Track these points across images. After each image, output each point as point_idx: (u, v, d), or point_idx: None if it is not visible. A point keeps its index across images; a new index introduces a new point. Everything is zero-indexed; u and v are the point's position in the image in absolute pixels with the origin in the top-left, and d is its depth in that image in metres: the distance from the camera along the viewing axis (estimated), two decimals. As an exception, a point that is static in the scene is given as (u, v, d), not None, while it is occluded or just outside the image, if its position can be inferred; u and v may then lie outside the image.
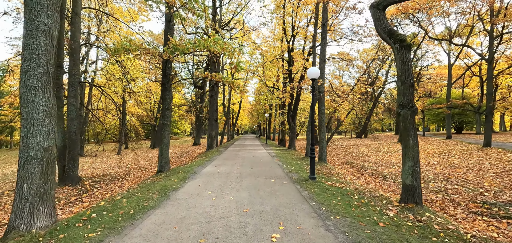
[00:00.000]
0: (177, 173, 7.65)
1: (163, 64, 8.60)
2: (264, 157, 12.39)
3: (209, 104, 18.14)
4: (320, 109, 10.78)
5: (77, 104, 8.67)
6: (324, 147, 10.64)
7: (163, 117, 8.64)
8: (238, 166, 9.10)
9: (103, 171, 12.28)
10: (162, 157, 8.59)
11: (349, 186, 6.23)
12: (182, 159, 17.63)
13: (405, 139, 4.83)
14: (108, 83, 26.06)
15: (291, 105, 18.05)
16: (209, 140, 17.73)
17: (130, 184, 9.39)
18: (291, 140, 18.06)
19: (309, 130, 13.17)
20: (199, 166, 9.11)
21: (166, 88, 8.62)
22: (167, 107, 8.60)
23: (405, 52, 4.98)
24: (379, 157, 15.08)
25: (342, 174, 9.23)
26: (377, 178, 9.56)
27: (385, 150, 18.23)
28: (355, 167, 12.18)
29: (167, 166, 8.72)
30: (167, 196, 4.93)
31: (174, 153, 22.01)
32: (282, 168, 8.76)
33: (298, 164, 9.94)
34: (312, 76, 6.68)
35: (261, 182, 6.31)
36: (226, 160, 11.13)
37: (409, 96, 4.87)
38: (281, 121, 21.03)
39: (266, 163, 10.04)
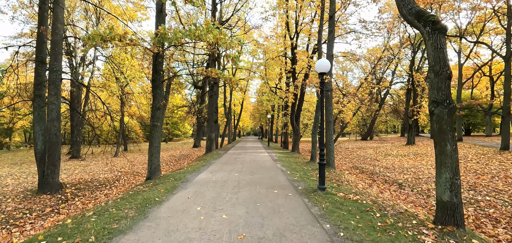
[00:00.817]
0: (166, 181, 6.75)
1: (153, 59, 7.73)
2: (266, 161, 11.45)
3: (209, 105, 17.27)
4: (327, 109, 9.83)
5: (58, 104, 7.83)
6: (332, 151, 9.68)
7: (153, 118, 7.76)
8: (237, 172, 8.17)
9: (92, 176, 11.43)
10: (151, 163, 7.70)
11: (365, 198, 5.28)
12: (179, 162, 16.77)
13: (441, 144, 3.88)
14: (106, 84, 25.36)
15: (294, 106, 17.11)
16: (208, 142, 16.85)
17: (118, 191, 8.52)
18: (294, 142, 17.10)
19: (315, 132, 12.22)
20: (194, 172, 8.20)
21: (156, 86, 7.75)
22: (157, 106, 7.72)
23: (439, 37, 4.03)
24: (389, 161, 14.07)
25: (353, 182, 8.26)
26: (391, 186, 8.57)
27: (395, 153, 17.19)
28: (365, 172, 11.19)
29: (157, 172, 7.83)
30: (146, 213, 4.02)
31: (172, 156, 21.17)
32: (286, 174, 7.82)
33: (304, 170, 8.99)
34: (321, 69, 5.76)
35: (262, 193, 5.38)
36: (225, 164, 10.21)
37: (445, 91, 3.91)
38: (284, 123, 20.08)
39: (268, 168, 9.11)
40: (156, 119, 7.74)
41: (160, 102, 7.64)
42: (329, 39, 9.98)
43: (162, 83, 7.88)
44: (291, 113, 17.18)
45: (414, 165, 12.02)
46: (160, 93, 7.78)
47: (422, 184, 8.31)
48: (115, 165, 16.30)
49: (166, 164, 16.21)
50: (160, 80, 7.78)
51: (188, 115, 25.62)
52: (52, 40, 7.82)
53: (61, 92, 9.58)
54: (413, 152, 17.01)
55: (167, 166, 15.17)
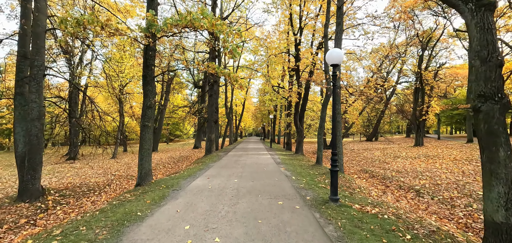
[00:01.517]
0: (156, 189, 5.99)
1: (143, 52, 6.99)
2: (269, 164, 10.67)
3: (208, 104, 16.53)
4: (335, 108, 9.01)
5: (40, 102, 7.12)
6: (341, 154, 8.87)
7: (144, 117, 7.01)
8: (236, 177, 7.39)
9: (84, 179, 10.73)
10: (142, 167, 6.95)
11: (384, 210, 4.48)
12: (178, 164, 16.04)
13: (490, 149, 3.06)
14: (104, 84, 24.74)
15: (298, 105, 16.31)
16: (208, 143, 16.10)
17: (107, 197, 7.79)
18: (298, 143, 16.29)
19: (321, 132, 11.40)
20: (189, 178, 7.44)
21: (148, 82, 7.00)
22: (148, 105, 6.98)
23: (485, 15, 3.23)
24: (400, 163, 13.21)
25: (365, 188, 7.45)
26: (408, 193, 7.74)
27: (404, 155, 16.32)
28: (375, 176, 10.35)
29: (148, 178, 7.07)
30: (120, 235, 3.25)
31: (171, 157, 20.46)
32: (291, 180, 7.03)
33: (310, 175, 8.19)
34: (333, 60, 4.97)
35: (264, 205, 4.60)
36: (224, 168, 9.44)
37: (496, 82, 3.11)
38: (287, 123, 19.29)
39: (271, 173, 8.32)
40: (147, 119, 6.99)
41: (151, 100, 6.90)
42: (337, 32, 9.18)
43: (154, 80, 7.13)
44: (295, 113, 16.38)
45: (427, 168, 11.17)
46: (151, 90, 7.03)
47: (442, 191, 7.47)
48: (111, 167, 15.62)
49: (164, 166, 15.50)
50: (151, 76, 7.04)
51: (188, 116, 24.91)
52: (33, 32, 7.11)
53: (60, 92, 8.90)
54: (423, 153, 16.12)
55: (164, 169, 14.45)
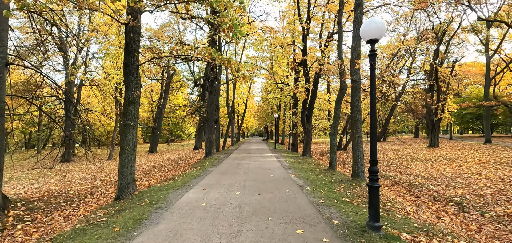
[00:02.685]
0: (137, 205, 4.71)
1: (125, 34, 5.69)
2: (275, 169, 9.34)
3: (208, 103, 15.25)
4: (355, 105, 7.66)
5: (2, 97, 5.87)
6: (361, 158, 7.51)
7: (125, 115, 5.72)
8: (238, 188, 6.08)
9: (66, 186, 9.48)
10: (122, 176, 5.65)
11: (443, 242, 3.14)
12: (175, 168, 14.77)
13: None
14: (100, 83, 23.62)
15: (306, 103, 14.95)
16: (208, 145, 14.82)
17: (85, 211, 6.52)
18: (306, 144, 14.93)
19: (334, 133, 10.00)
20: (181, 188, 6.14)
21: (130, 72, 5.71)
22: (131, 100, 5.69)
23: None
24: (420, 167, 11.82)
25: (396, 202, 6.09)
26: (446, 207, 6.36)
27: (421, 157, 14.89)
28: (398, 183, 8.96)
29: (130, 189, 5.77)
30: None
31: (169, 159, 19.21)
32: (306, 192, 5.69)
33: (326, 183, 6.85)
34: (371, 35, 3.60)
35: (278, 236, 3.27)
36: (224, 174, 8.13)
37: None
38: (294, 122, 17.94)
39: (280, 181, 6.99)
40: (129, 117, 5.70)
41: (134, 93, 5.60)
42: (356, 15, 7.81)
43: (138, 69, 5.84)
44: (302, 111, 15.03)
45: (456, 173, 9.77)
46: (134, 82, 5.74)
47: (490, 204, 6.09)
48: (104, 170, 14.41)
49: (160, 169, 14.23)
50: (134, 64, 5.74)
51: (187, 115, 23.68)
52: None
53: (57, 91, 7.76)
54: (442, 155, 14.69)
55: (159, 172, 13.18)
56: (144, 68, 28.10)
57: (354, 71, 7.51)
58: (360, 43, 7.80)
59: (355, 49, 7.75)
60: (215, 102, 15.87)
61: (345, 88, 9.70)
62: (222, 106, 34.96)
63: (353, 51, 7.76)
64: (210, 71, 15.06)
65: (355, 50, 7.75)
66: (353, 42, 7.86)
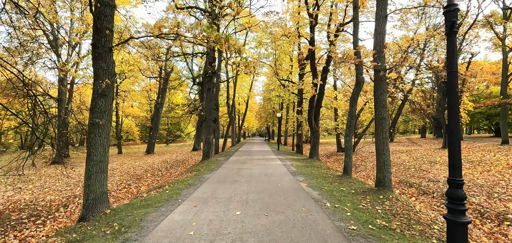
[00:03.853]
0: (101, 233, 3.43)
1: (89, 6, 4.40)
2: (282, 175, 8.04)
3: (206, 100, 13.98)
4: (379, 100, 6.36)
5: None
6: (388, 165, 6.19)
7: (94, 111, 4.44)
8: (239, 205, 4.79)
9: (37, 197, 8.21)
10: (89, 190, 4.37)
11: None
12: (169, 172, 13.50)
13: None
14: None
15: (313, 100, 13.65)
16: (206, 146, 13.54)
17: (50, 231, 5.26)
18: (313, 146, 13.62)
19: (350, 133, 8.64)
20: (166, 203, 4.86)
21: (99, 55, 4.44)
22: (100, 91, 4.41)
23: None
24: (444, 172, 10.51)
25: (440, 221, 4.79)
26: (501, 226, 5.05)
27: (439, 160, 13.57)
28: (428, 193, 7.65)
29: (100, 206, 4.48)
30: None
31: (165, 161, 17.95)
32: (327, 210, 4.40)
33: (346, 195, 5.56)
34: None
35: None
36: (222, 183, 6.85)
37: None
38: (299, 122, 16.64)
39: (290, 193, 5.70)
40: (97, 114, 4.41)
41: (102, 82, 4.32)
42: (380, -8, 6.50)
43: (111, 52, 4.56)
44: (309, 110, 13.72)
45: (490, 180, 8.46)
46: (105, 68, 4.47)
47: (559, 224, 4.79)
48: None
49: (153, 173, 12.96)
50: (106, 46, 4.46)
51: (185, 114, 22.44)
52: None
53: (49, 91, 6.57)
54: (464, 158, 13.30)
55: (152, 177, 11.92)
56: (141, 67, 26.88)
57: (379, 59, 6.20)
58: (385, 26, 6.50)
59: (379, 33, 6.45)
60: (214, 100, 14.60)
61: (362, 82, 8.39)
62: (222, 106, 33.70)
63: (377, 36, 6.46)
64: (208, 66, 13.79)
65: (379, 35, 6.45)
66: (376, 25, 6.55)
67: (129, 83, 34.40)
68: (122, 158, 22.89)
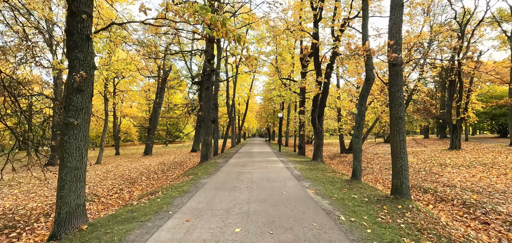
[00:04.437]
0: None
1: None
2: (286, 180, 7.38)
3: (204, 100, 13.32)
4: (395, 97, 5.70)
5: None
6: (406, 170, 5.53)
7: (68, 108, 3.78)
8: (238, 219, 4.13)
9: (18, 204, 7.53)
10: (62, 202, 3.70)
11: None
12: (166, 174, 12.83)
13: None
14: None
15: (317, 100, 12.99)
16: (204, 148, 12.88)
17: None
18: (316, 147, 12.95)
19: (359, 134, 7.97)
20: (155, 216, 4.20)
21: (75, 44, 3.78)
22: (76, 86, 3.75)
23: None
24: (458, 175, 9.84)
25: (469, 238, 4.12)
26: (541, 242, 4.39)
27: (449, 162, 12.89)
28: (446, 200, 6.97)
29: (75, 221, 3.81)
30: None
31: (162, 163, 17.29)
32: (342, 226, 3.74)
33: (359, 204, 4.90)
34: None
35: None
36: (220, 190, 6.18)
37: None
38: (301, 122, 15.98)
39: (297, 202, 5.04)
40: (72, 112, 3.75)
41: (76, 76, 3.66)
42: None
43: (89, 40, 3.90)
44: (313, 109, 13.05)
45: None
46: (82, 59, 3.81)
47: None
48: (88, 175, 12.45)
49: (148, 176, 12.29)
50: (83, 33, 3.81)
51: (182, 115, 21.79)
52: None
53: None
54: (474, 160, 12.66)
55: (147, 181, 11.25)
56: (139, 66, 26.17)
57: (395, 52, 5.54)
58: (402, 14, 5.84)
59: (395, 23, 5.79)
60: (213, 99, 13.97)
61: (372, 79, 7.74)
62: (222, 106, 33.03)
63: (393, 27, 5.80)
64: (206, 63, 13.14)
65: (395, 25, 5.78)
66: (391, 14, 5.88)
67: (127, 83, 33.80)
68: (119, 159, 22.23)
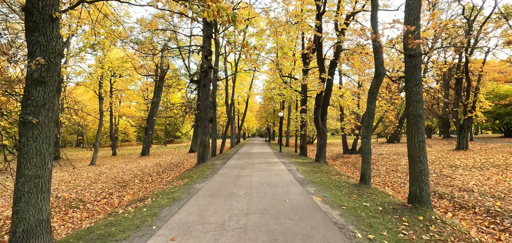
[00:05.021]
0: None
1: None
2: (289, 185, 6.71)
3: (200, 98, 12.65)
4: (412, 92, 5.03)
5: None
6: (426, 175, 4.86)
7: (26, 105, 3.10)
8: (234, 235, 3.46)
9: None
10: (19, 217, 3.02)
11: None
12: (161, 177, 12.16)
13: None
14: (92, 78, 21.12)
15: (320, 98, 12.31)
16: (201, 149, 12.20)
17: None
18: (320, 148, 12.28)
19: (368, 135, 7.30)
20: (134, 233, 3.53)
21: (36, 26, 3.11)
22: (36, 77, 3.08)
23: None
24: (471, 178, 9.17)
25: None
26: None
27: (459, 163, 12.21)
28: (466, 207, 6.30)
29: (35, 240, 3.14)
30: None
31: (158, 165, 16.62)
32: (359, 246, 3.08)
33: (373, 214, 4.22)
34: None
35: None
36: (215, 197, 5.51)
37: None
38: (302, 122, 15.30)
39: (303, 214, 4.37)
40: (31, 109, 3.08)
41: (32, 62, 2.98)
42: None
43: (55, 21, 3.22)
44: (316, 108, 12.38)
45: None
46: (44, 44, 3.13)
47: None
48: (75, 179, 11.81)
49: (141, 179, 11.62)
50: (45, 12, 3.13)
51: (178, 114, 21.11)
52: None
53: None
54: (485, 161, 11.99)
55: (139, 184, 10.58)
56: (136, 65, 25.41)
57: (416, 37, 4.86)
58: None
59: (412, 8, 5.11)
60: (210, 97, 13.28)
61: (382, 74, 7.07)
62: (221, 106, 32.35)
63: (410, 12, 5.12)
64: (204, 59, 12.47)
65: (413, 10, 5.11)
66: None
67: (125, 82, 33.10)
68: (115, 160, 21.57)
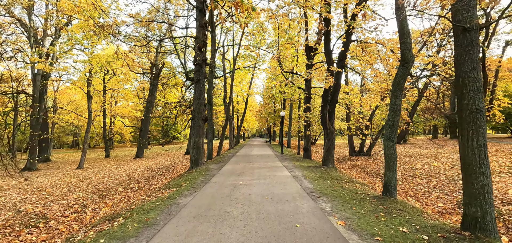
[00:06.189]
0: None
1: None
2: (297, 199, 5.38)
3: (194, 95, 11.32)
4: (469, 78, 3.73)
5: None
6: (489, 191, 3.55)
7: None
8: None
9: None
10: None
11: None
12: (150, 183, 10.82)
13: None
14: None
15: (327, 94, 10.99)
16: (194, 151, 10.87)
17: None
18: (327, 151, 10.95)
19: (393, 137, 5.99)
20: None
21: None
22: None
23: None
24: (505, 184, 7.89)
25: None
26: None
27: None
28: (522, 228, 5.01)
29: None
30: None
31: (150, 168, 15.29)
32: None
33: None
34: None
35: None
36: (201, 220, 4.19)
37: None
38: (306, 121, 13.97)
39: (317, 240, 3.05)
40: None
41: None
42: None
43: None
44: (323, 106, 11.05)
45: None
46: None
47: None
48: (59, 184, 10.47)
49: (126, 187, 10.27)
50: None
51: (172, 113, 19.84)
52: None
53: None
54: (505, 164, 10.69)
55: (123, 192, 9.23)
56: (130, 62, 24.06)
57: (465, 9, 3.54)
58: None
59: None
60: (206, 94, 11.98)
61: (411, 61, 5.77)
62: (220, 105, 31.04)
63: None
64: (197, 52, 11.15)
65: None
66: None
67: (119, 81, 31.76)
68: (106, 163, 20.26)
